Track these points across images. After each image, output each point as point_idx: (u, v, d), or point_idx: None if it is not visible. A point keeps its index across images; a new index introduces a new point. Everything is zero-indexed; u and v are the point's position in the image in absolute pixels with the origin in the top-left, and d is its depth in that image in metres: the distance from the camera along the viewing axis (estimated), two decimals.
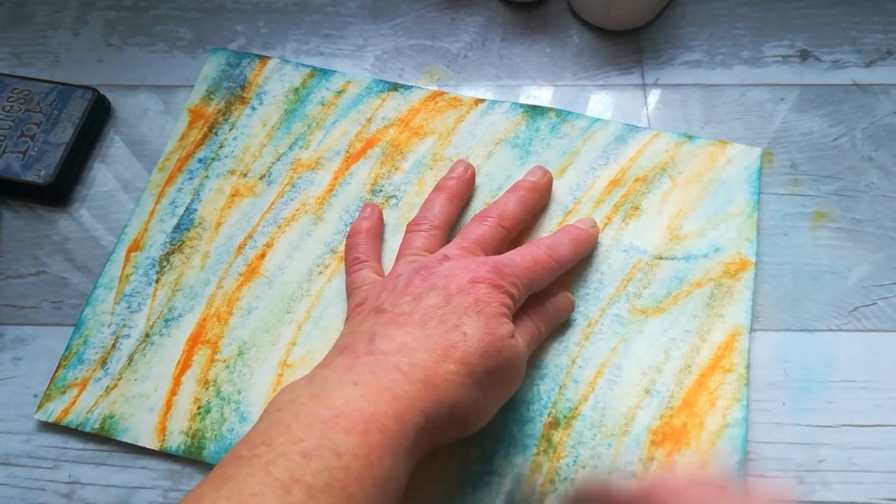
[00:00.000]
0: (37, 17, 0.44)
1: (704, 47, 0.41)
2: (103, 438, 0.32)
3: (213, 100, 0.40)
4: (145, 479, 0.31)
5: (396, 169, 0.38)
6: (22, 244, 0.37)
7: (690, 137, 0.37)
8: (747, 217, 0.35)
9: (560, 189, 0.37)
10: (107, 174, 0.39)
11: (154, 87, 0.41)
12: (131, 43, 0.43)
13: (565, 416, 0.32)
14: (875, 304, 0.34)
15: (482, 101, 0.39)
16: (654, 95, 0.40)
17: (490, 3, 0.44)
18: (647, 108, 0.40)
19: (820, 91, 0.40)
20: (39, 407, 0.32)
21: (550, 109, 0.39)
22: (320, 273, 0.35)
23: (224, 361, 0.33)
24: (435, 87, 0.41)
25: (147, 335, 0.34)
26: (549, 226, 0.36)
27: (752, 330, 0.33)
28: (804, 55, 0.41)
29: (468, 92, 0.40)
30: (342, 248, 0.35)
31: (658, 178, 0.36)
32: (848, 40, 0.41)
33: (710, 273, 0.34)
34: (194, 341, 0.34)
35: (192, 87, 0.41)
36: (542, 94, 0.40)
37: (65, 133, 0.38)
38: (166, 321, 0.34)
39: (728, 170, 0.36)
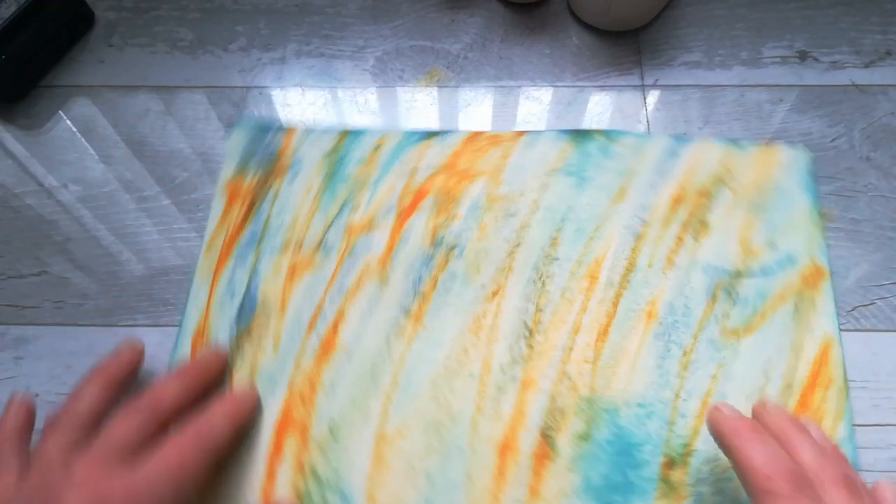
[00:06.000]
0: None
1: (703, 48, 0.42)
2: None
3: (247, 174, 0.38)
4: None
5: (453, 217, 0.36)
6: (23, 244, 0.37)
7: (737, 143, 0.37)
8: (812, 222, 0.35)
9: (625, 212, 0.36)
10: (108, 174, 0.39)
11: (155, 87, 0.41)
12: (132, 43, 0.43)
13: (679, 454, 0.30)
14: (874, 303, 0.34)
15: (523, 133, 0.38)
16: (653, 96, 0.40)
17: (490, 3, 0.44)
18: (646, 109, 0.40)
19: (818, 92, 0.40)
20: None
21: (597, 131, 0.38)
22: (398, 337, 0.33)
23: (317, 444, 0.32)
24: (435, 88, 0.41)
25: None
26: (623, 253, 0.35)
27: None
28: (803, 56, 0.41)
29: (468, 93, 0.41)
30: (415, 308, 0.34)
31: (718, 190, 0.36)
32: (847, 41, 0.41)
33: (790, 286, 0.34)
34: (282, 427, 0.32)
35: (192, 87, 0.41)
36: (541, 95, 0.40)
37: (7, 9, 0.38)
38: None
39: (782, 175, 0.36)
